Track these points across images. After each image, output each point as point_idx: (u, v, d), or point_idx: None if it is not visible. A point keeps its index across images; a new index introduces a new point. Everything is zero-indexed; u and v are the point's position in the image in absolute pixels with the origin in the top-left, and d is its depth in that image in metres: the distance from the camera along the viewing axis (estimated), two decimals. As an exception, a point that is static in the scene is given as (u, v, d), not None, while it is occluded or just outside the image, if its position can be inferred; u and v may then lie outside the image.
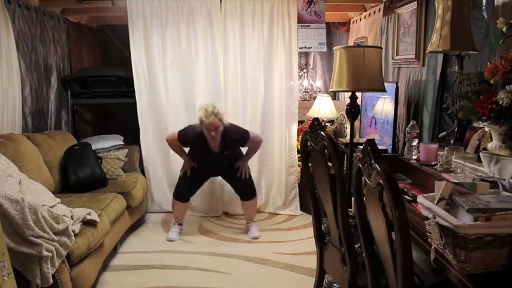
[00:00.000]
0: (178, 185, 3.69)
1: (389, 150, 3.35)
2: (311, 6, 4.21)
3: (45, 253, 2.16)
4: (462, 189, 1.52)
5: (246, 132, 3.54)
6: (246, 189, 3.69)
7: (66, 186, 3.42)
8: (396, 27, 3.74)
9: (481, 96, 1.92)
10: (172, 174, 4.13)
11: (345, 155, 3.21)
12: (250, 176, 3.71)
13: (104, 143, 4.04)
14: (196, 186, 3.74)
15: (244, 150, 3.72)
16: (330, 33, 5.44)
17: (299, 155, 3.22)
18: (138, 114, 4.15)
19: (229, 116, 4.13)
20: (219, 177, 3.93)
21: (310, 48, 4.43)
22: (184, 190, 3.65)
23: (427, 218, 1.49)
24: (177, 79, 4.12)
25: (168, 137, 3.63)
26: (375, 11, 4.27)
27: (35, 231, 2.16)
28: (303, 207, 4.26)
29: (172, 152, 3.82)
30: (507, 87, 1.81)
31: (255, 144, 3.61)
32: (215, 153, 3.49)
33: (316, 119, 2.02)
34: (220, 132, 3.38)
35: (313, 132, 1.98)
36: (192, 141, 3.51)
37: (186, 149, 3.69)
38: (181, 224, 3.74)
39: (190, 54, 4.08)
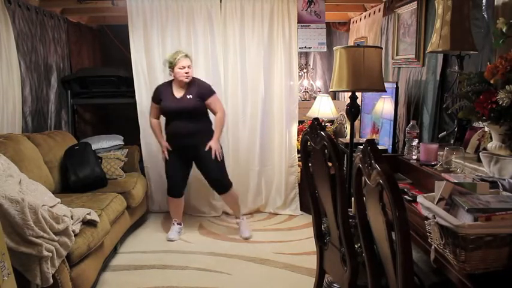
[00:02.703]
0: (167, 181, 3.68)
1: (389, 150, 3.35)
2: (311, 6, 4.22)
3: (45, 253, 2.16)
4: (462, 189, 1.52)
5: (212, 88, 3.63)
6: (216, 180, 3.63)
7: (66, 186, 3.42)
8: (396, 27, 3.74)
9: (481, 96, 1.92)
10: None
11: (345, 155, 3.22)
12: (223, 167, 3.64)
13: (104, 143, 4.05)
14: (184, 175, 3.69)
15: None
16: (330, 33, 5.44)
17: (299, 155, 3.22)
18: (138, 114, 4.15)
19: (229, 116, 4.15)
20: None
21: (310, 48, 4.43)
22: (174, 184, 3.64)
23: (427, 218, 1.49)
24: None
25: (149, 115, 3.70)
26: (374, 11, 4.27)
27: (35, 231, 2.15)
28: (303, 207, 4.26)
29: None
30: (507, 87, 1.80)
31: (218, 109, 3.58)
32: (179, 99, 3.50)
33: (316, 119, 2.02)
34: (191, 75, 3.52)
35: (313, 132, 1.98)
36: (160, 92, 3.58)
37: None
38: (180, 224, 3.74)
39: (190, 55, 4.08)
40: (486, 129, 2.19)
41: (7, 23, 3.29)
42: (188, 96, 3.50)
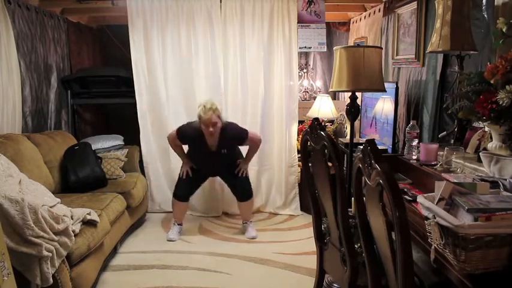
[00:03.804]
0: (177, 184, 3.69)
1: (389, 150, 3.35)
2: (311, 6, 4.21)
3: (45, 253, 2.16)
4: (462, 189, 1.52)
5: (245, 131, 3.55)
6: (243, 190, 3.70)
7: (66, 186, 3.42)
8: (396, 27, 3.74)
9: (481, 96, 1.92)
10: (172, 174, 4.13)
11: (345, 155, 3.22)
12: (247, 176, 3.72)
13: (104, 143, 4.05)
14: (196, 185, 3.75)
15: (243, 151, 3.72)
16: (330, 33, 5.44)
17: (299, 155, 3.22)
18: (138, 114, 4.16)
19: (229, 116, 4.15)
20: (218, 177, 3.93)
21: (310, 48, 4.43)
22: (183, 190, 3.65)
23: (427, 218, 1.49)
24: (177, 79, 4.12)
25: (169, 135, 3.65)
26: (374, 11, 4.27)
27: (35, 231, 2.16)
28: (303, 207, 4.26)
29: (172, 151, 3.83)
30: (507, 87, 1.81)
31: (254, 144, 3.61)
32: (213, 152, 3.49)
33: (316, 119, 2.02)
34: (219, 129, 3.38)
35: (313, 132, 1.98)
36: (191, 138, 3.52)
37: (185, 148, 3.69)
38: (180, 224, 3.74)
39: (190, 54, 4.08)
40: (486, 129, 2.19)
41: (7, 23, 3.29)
42: (223, 152, 3.48)
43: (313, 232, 2.25)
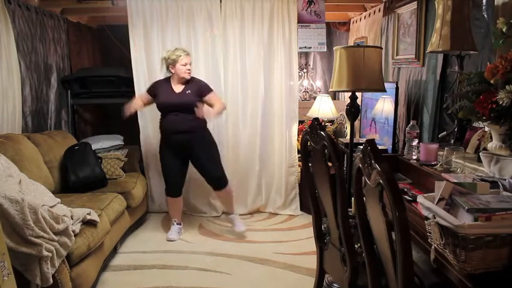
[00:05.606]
0: (165, 181, 3.70)
1: (389, 150, 3.35)
2: (311, 6, 4.21)
3: (45, 253, 2.16)
4: (462, 189, 1.52)
5: (209, 85, 3.63)
6: (216, 178, 3.63)
7: (66, 186, 3.42)
8: (396, 27, 3.74)
9: (481, 96, 1.92)
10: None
11: (345, 155, 3.22)
12: (220, 164, 3.65)
13: (104, 143, 4.05)
14: (181, 174, 3.70)
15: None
16: (330, 33, 5.44)
17: (299, 155, 3.22)
18: (138, 114, 4.15)
19: (229, 116, 4.15)
20: None
21: (310, 48, 4.43)
22: (172, 184, 3.65)
23: (427, 218, 1.49)
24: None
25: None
26: (374, 11, 4.27)
27: (35, 231, 2.16)
28: (303, 207, 4.26)
29: None
30: (507, 87, 1.81)
31: (217, 101, 3.57)
32: (178, 94, 3.51)
33: (316, 119, 2.02)
34: (190, 72, 3.54)
35: (313, 132, 1.98)
36: (158, 86, 3.58)
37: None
38: (180, 224, 3.74)
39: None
40: (486, 129, 2.20)
41: (7, 23, 3.29)
42: (187, 92, 3.51)
43: (313, 232, 2.25)
